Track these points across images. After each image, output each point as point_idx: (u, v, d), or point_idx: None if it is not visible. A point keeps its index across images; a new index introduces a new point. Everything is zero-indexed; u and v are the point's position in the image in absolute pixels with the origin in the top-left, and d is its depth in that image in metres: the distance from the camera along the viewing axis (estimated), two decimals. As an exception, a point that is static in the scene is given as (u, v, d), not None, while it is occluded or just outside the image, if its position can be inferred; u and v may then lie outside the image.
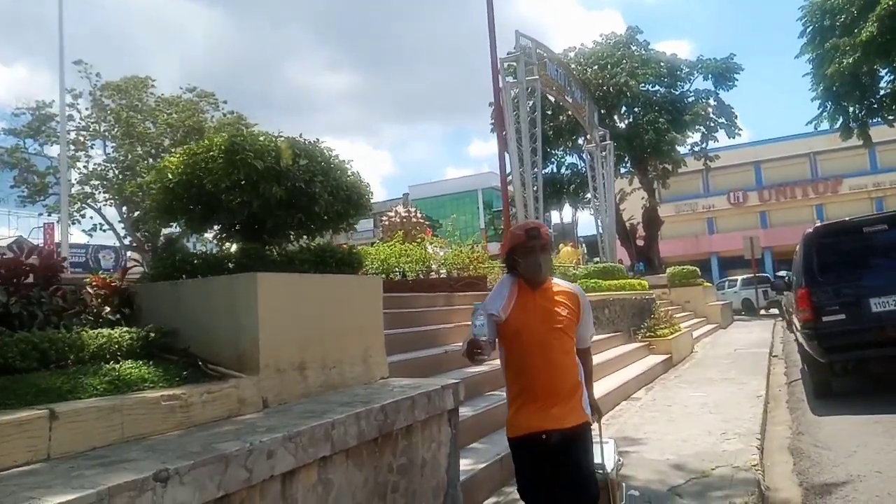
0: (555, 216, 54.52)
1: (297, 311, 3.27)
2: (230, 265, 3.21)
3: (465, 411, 4.66)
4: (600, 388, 7.30)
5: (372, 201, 3.90)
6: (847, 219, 6.98)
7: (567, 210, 39.93)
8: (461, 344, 2.86)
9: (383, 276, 10.83)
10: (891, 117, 23.49)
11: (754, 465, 4.59)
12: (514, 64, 10.86)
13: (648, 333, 11.20)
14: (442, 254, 11.26)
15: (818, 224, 7.03)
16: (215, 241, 3.72)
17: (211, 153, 3.11)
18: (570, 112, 28.56)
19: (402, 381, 3.83)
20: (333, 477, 2.72)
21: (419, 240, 12.10)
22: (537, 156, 10.80)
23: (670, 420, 6.49)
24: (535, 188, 10.99)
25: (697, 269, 20.85)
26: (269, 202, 3.09)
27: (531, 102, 11.48)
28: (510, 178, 11.48)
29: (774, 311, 25.85)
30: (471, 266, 11.13)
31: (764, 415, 6.44)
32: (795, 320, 7.09)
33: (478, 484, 4.24)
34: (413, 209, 15.30)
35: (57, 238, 46.20)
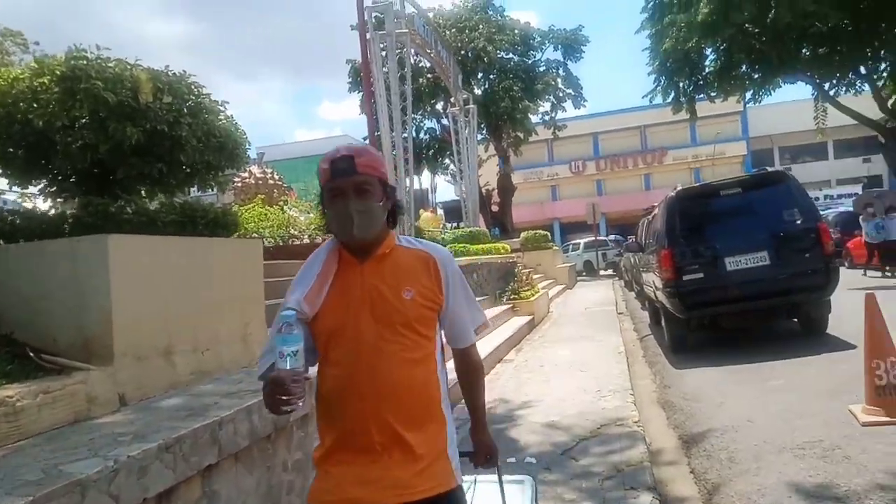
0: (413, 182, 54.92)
1: (161, 283, 2.65)
2: (68, 226, 2.49)
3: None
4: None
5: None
6: (706, 182, 7.46)
7: (425, 175, 40.20)
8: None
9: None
10: (713, 94, 26.06)
11: (636, 422, 4.74)
12: (381, 15, 10.25)
13: (513, 296, 11.46)
14: (303, 219, 10.53)
15: (679, 187, 7.45)
16: (44, 196, 2.88)
17: (41, 80, 2.34)
18: (429, 75, 28.48)
19: (290, 360, 3.34)
20: (220, 487, 2.22)
21: (281, 202, 11.23)
22: (407, 115, 10.38)
23: (545, 380, 6.60)
24: (405, 151, 10.58)
25: (548, 234, 21.90)
26: (122, 147, 2.42)
27: (399, 57, 10.99)
28: (378, 138, 10.96)
29: (611, 271, 28.19)
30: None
31: (629, 370, 6.78)
32: (655, 279, 7.51)
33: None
34: (270, 170, 14.23)
35: None
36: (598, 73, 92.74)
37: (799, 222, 6.56)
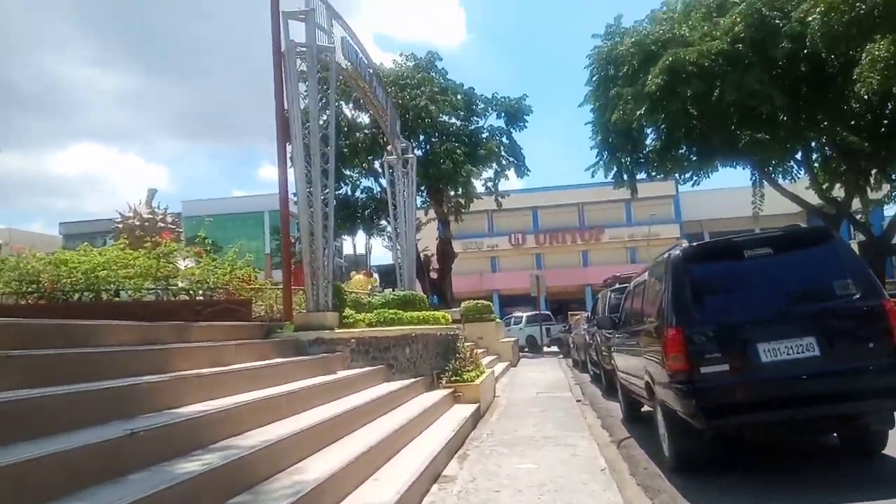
0: (347, 245, 52.38)
1: None
2: None
3: None
4: (401, 467, 4.96)
5: None
6: (725, 237, 5.64)
7: (361, 237, 38.02)
8: None
9: (86, 295, 7.38)
10: (653, 173, 25.58)
11: None
12: (301, 21, 8.29)
13: (454, 378, 9.24)
14: (185, 266, 8.13)
15: (685, 244, 5.62)
16: None
17: None
18: (366, 130, 26.97)
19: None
20: None
21: (165, 248, 8.76)
22: (329, 163, 8.25)
23: (508, 522, 4.35)
24: (324, 204, 8.28)
25: (491, 304, 19.97)
26: None
27: (320, 79, 9.01)
28: (295, 196, 8.70)
29: (555, 348, 26.39)
30: (231, 287, 8.18)
31: (625, 505, 4.63)
32: (654, 368, 5.51)
33: None
34: (163, 210, 11.73)
35: None
36: (537, 148, 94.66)
37: (856, 298, 4.77)
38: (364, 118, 27.38)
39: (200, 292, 8.17)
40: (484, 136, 28.69)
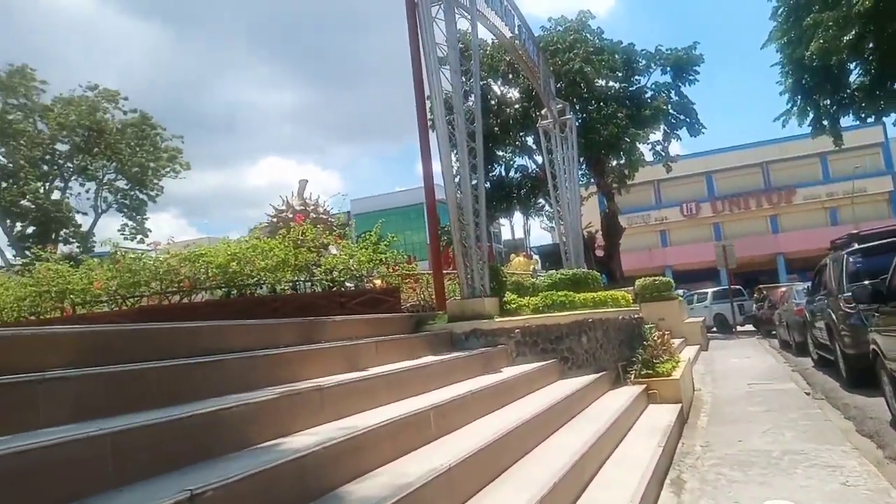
0: (504, 230, 51.37)
1: None
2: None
3: None
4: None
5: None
6: None
7: (518, 220, 36.77)
8: None
9: (224, 292, 6.80)
10: (863, 114, 21.14)
11: None
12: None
13: (645, 371, 7.48)
14: (334, 253, 7.29)
15: None
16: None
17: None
18: (517, 106, 25.42)
19: None
20: None
21: (301, 234, 7.95)
22: (476, 142, 6.92)
23: None
24: (472, 169, 6.99)
25: (671, 281, 17.52)
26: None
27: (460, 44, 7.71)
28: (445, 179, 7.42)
29: (749, 327, 22.97)
30: (377, 273, 7.22)
31: None
32: None
33: None
34: (316, 199, 11.22)
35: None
36: (708, 106, 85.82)
37: None
38: (514, 93, 25.89)
39: (346, 281, 7.32)
40: (648, 95, 25.77)
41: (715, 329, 23.24)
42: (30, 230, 31.82)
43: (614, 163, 25.01)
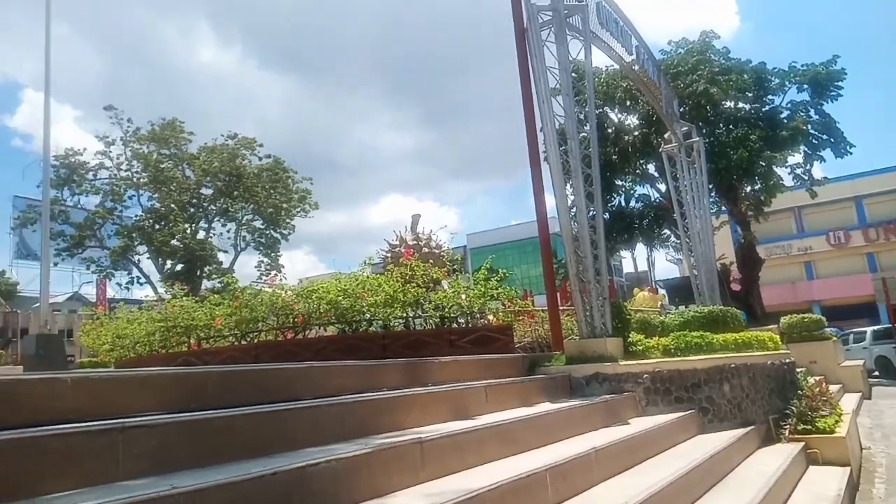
0: (626, 263, 49.10)
1: None
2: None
3: None
4: None
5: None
6: None
7: (640, 252, 35.03)
8: None
9: (337, 328, 6.70)
10: None
11: None
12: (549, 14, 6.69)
13: (801, 426, 6.39)
14: (445, 289, 7.00)
15: None
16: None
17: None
18: (635, 132, 24.30)
19: None
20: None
21: (429, 277, 7.70)
22: (592, 169, 6.41)
23: None
24: (588, 197, 6.48)
25: (823, 319, 15.52)
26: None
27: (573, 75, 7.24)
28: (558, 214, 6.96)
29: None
30: (486, 308, 6.82)
31: None
32: None
33: None
34: (429, 233, 11.08)
35: (109, 294, 45.11)
36: (852, 126, 78.21)
37: None
38: (632, 119, 24.83)
39: (457, 318, 6.97)
40: (784, 115, 23.63)
41: (877, 374, 20.33)
42: (178, 267, 34.95)
43: (748, 189, 23.03)
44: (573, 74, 7.19)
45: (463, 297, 6.87)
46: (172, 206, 34.36)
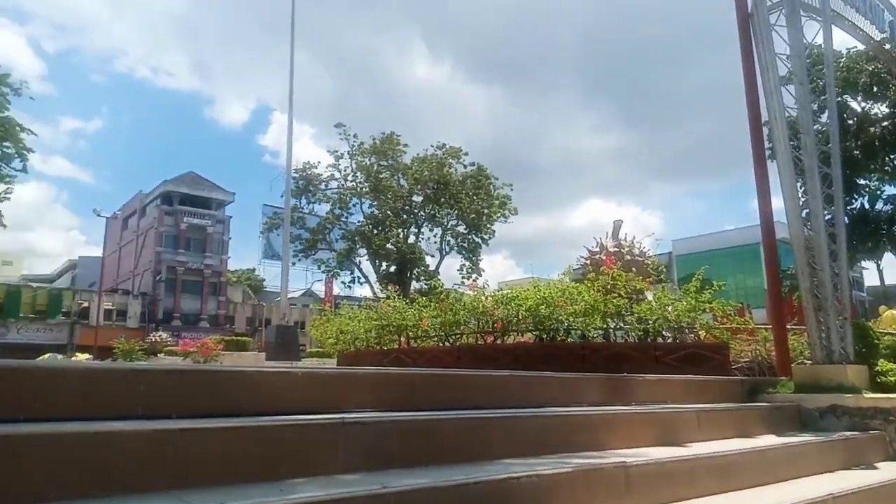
0: (869, 275, 42.04)
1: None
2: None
3: None
4: None
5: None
6: None
7: (889, 262, 29.87)
8: None
9: (534, 335, 6.69)
10: None
11: None
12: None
13: None
14: (650, 300, 6.61)
15: None
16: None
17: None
18: (884, 122, 20.65)
19: None
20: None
21: (632, 288, 7.31)
22: (832, 168, 5.52)
23: None
24: (827, 200, 5.61)
25: None
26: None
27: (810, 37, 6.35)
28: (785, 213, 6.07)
29: None
30: (697, 325, 6.29)
31: None
32: None
33: None
34: (631, 240, 10.60)
35: (335, 291, 51.10)
36: None
37: None
38: (880, 108, 21.20)
39: (662, 332, 6.54)
40: None
41: None
42: (392, 269, 38.10)
43: None
44: (806, 61, 6.34)
45: (670, 309, 6.42)
46: (388, 212, 37.59)
